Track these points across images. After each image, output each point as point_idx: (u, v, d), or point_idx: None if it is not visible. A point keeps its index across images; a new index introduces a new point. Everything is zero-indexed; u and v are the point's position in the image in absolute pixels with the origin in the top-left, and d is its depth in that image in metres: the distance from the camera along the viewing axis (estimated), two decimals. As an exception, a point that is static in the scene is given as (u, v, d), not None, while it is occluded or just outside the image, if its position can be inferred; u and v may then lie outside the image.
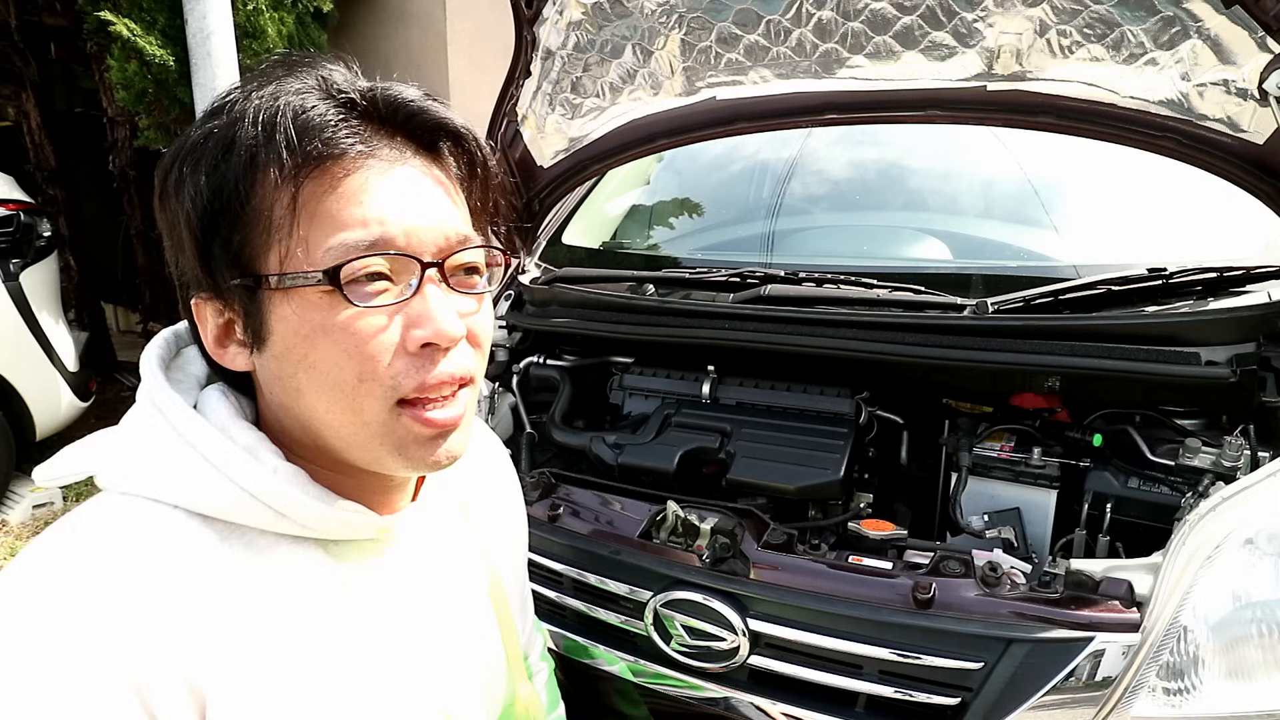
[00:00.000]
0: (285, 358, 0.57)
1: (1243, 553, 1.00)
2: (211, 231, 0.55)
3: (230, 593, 0.55)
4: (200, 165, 0.55)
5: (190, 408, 0.59)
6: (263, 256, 0.55)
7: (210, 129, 0.56)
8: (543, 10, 1.52)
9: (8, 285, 3.24)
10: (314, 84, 0.56)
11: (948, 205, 1.93)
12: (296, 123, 0.54)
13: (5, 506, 3.47)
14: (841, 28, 1.40)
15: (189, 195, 0.55)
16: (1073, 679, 1.00)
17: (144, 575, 0.52)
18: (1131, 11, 1.21)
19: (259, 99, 0.55)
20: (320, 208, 0.54)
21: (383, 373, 0.56)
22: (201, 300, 0.59)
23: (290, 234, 0.54)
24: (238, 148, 0.54)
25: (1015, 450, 1.41)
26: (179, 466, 0.56)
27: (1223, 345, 1.28)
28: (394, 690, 0.63)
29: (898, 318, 1.42)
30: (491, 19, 4.87)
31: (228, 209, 0.54)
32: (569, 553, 1.30)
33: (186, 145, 0.57)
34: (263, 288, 0.55)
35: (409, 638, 0.67)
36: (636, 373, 1.72)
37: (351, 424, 0.57)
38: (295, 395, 0.58)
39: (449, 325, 0.57)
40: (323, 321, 0.55)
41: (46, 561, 0.53)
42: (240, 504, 0.56)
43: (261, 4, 3.74)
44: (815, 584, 1.15)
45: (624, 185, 2.37)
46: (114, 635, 0.50)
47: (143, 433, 0.59)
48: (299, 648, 0.58)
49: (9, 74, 4.40)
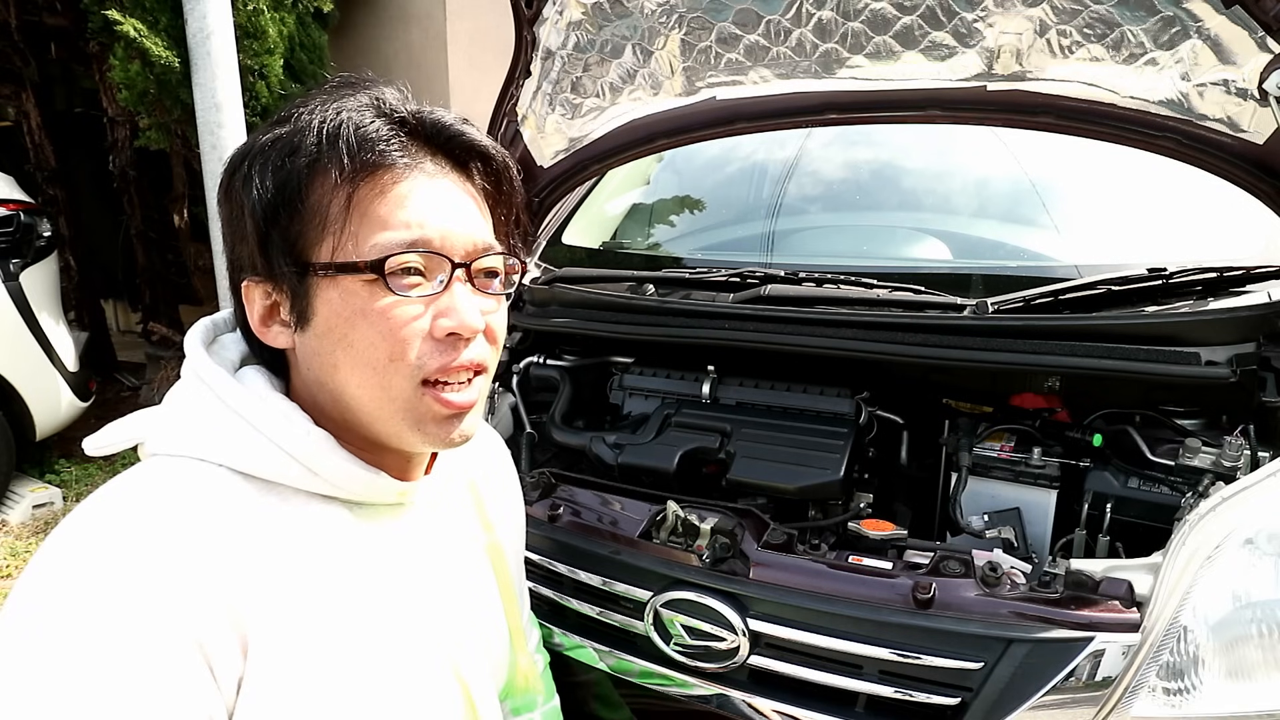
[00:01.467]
0: (327, 336, 0.64)
1: (1243, 553, 1.00)
2: (272, 221, 0.63)
3: (270, 542, 0.61)
4: (267, 165, 0.63)
5: (231, 378, 0.66)
6: (315, 247, 0.63)
7: (277, 134, 0.64)
8: (543, 10, 1.52)
9: (8, 285, 3.25)
10: (369, 103, 0.65)
11: (948, 205, 1.93)
12: (356, 135, 0.62)
13: (5, 506, 3.47)
14: (841, 28, 1.40)
15: (255, 189, 0.63)
16: (1073, 679, 1.00)
17: (196, 528, 0.58)
18: (1131, 11, 1.21)
19: (322, 113, 0.64)
20: (370, 209, 0.63)
21: (410, 355, 0.64)
22: (252, 283, 0.66)
23: (342, 229, 0.62)
24: (302, 151, 0.63)
25: (1015, 450, 1.41)
26: (224, 429, 0.63)
27: (1223, 345, 1.27)
28: (410, 642, 0.70)
29: (898, 318, 1.42)
30: (491, 19, 4.87)
31: (288, 203, 0.63)
32: (569, 553, 1.30)
33: (255, 147, 0.65)
34: (312, 274, 0.63)
35: (423, 595, 0.73)
36: (636, 373, 1.72)
37: (379, 399, 0.65)
38: (332, 370, 0.65)
39: (472, 318, 0.66)
40: (363, 306, 0.63)
41: (105, 520, 0.58)
42: (279, 462, 0.63)
43: (262, 4, 3.74)
44: (815, 584, 1.15)
45: (624, 185, 2.37)
46: (175, 588, 0.55)
47: (188, 402, 0.66)
48: (329, 596, 0.64)
49: (9, 74, 4.40)
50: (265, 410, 0.64)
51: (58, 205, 4.68)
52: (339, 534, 0.67)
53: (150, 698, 0.52)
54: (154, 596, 0.54)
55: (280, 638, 0.59)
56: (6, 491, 3.51)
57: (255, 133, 0.66)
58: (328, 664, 0.62)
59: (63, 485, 3.69)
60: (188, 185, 4.42)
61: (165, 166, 4.65)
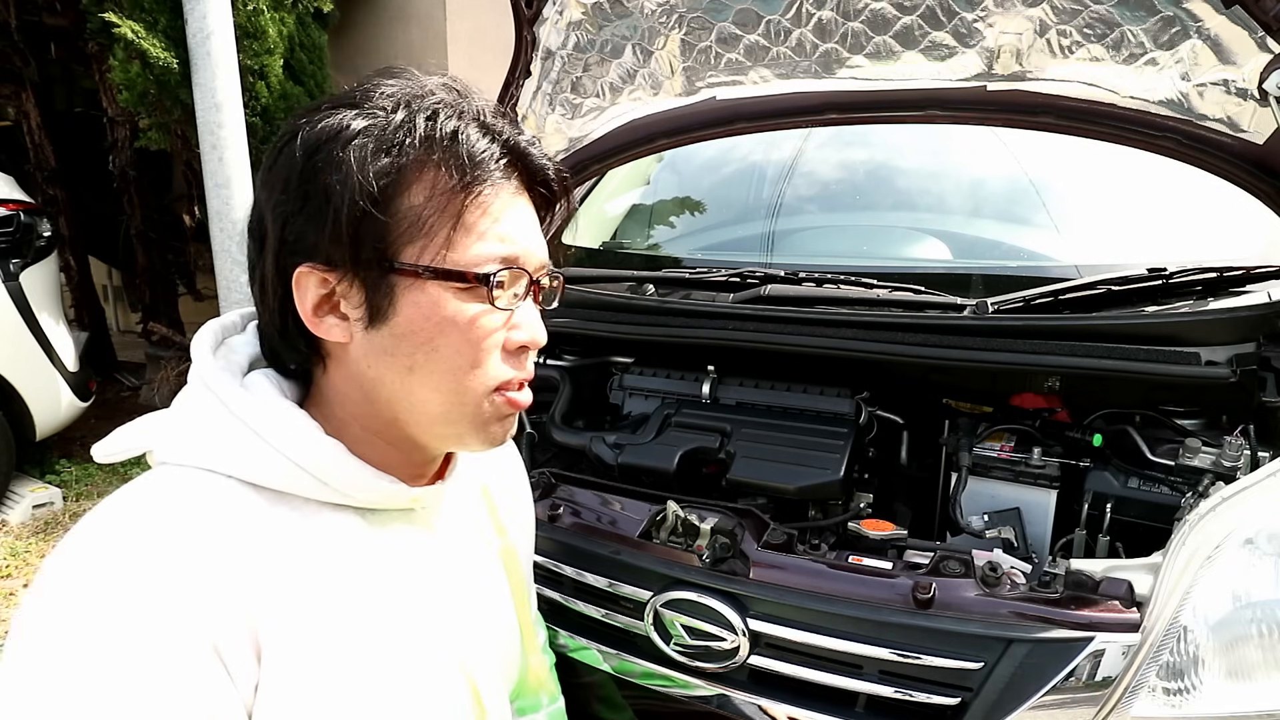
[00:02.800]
0: (408, 338, 0.64)
1: (1243, 553, 1.00)
2: (366, 213, 0.62)
3: (281, 552, 0.61)
4: (364, 153, 0.62)
5: (239, 386, 0.65)
6: (405, 246, 0.63)
7: (366, 125, 0.63)
8: (543, 10, 1.52)
9: (8, 285, 3.25)
10: (471, 114, 0.66)
11: (948, 205, 1.93)
12: (469, 148, 0.64)
13: (5, 506, 3.47)
14: (841, 28, 1.40)
15: (354, 176, 0.61)
16: (1073, 679, 1.00)
17: (208, 537, 0.58)
18: (1131, 11, 1.21)
19: (421, 113, 0.64)
20: (470, 219, 0.64)
21: (489, 363, 0.66)
22: (311, 269, 0.63)
23: (444, 236, 0.63)
24: (405, 150, 0.62)
25: (1015, 450, 1.41)
26: (230, 439, 0.62)
27: (1223, 345, 1.27)
28: (420, 647, 0.70)
29: (898, 318, 1.42)
30: (491, 19, 4.87)
31: (386, 198, 0.62)
32: (569, 553, 1.30)
33: (343, 132, 0.62)
34: (398, 273, 0.63)
35: (435, 599, 0.73)
36: (636, 373, 1.72)
37: (452, 403, 0.66)
38: (404, 372, 0.65)
39: (542, 332, 0.70)
40: (454, 313, 0.64)
41: (117, 528, 0.57)
42: (287, 473, 0.63)
43: (261, 4, 3.74)
44: (815, 584, 1.15)
45: (624, 185, 2.38)
46: (190, 594, 0.55)
47: (195, 410, 0.65)
48: (340, 602, 0.64)
49: (9, 74, 4.40)
50: (274, 420, 0.63)
51: (58, 205, 4.68)
52: (351, 541, 0.67)
53: (170, 701, 0.52)
54: (168, 603, 0.54)
55: (293, 644, 0.60)
56: (6, 491, 3.51)
57: (326, 113, 0.64)
58: (340, 668, 0.62)
59: (63, 485, 3.69)
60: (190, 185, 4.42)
61: (165, 166, 4.65)
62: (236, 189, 3.29)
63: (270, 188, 0.65)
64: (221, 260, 3.35)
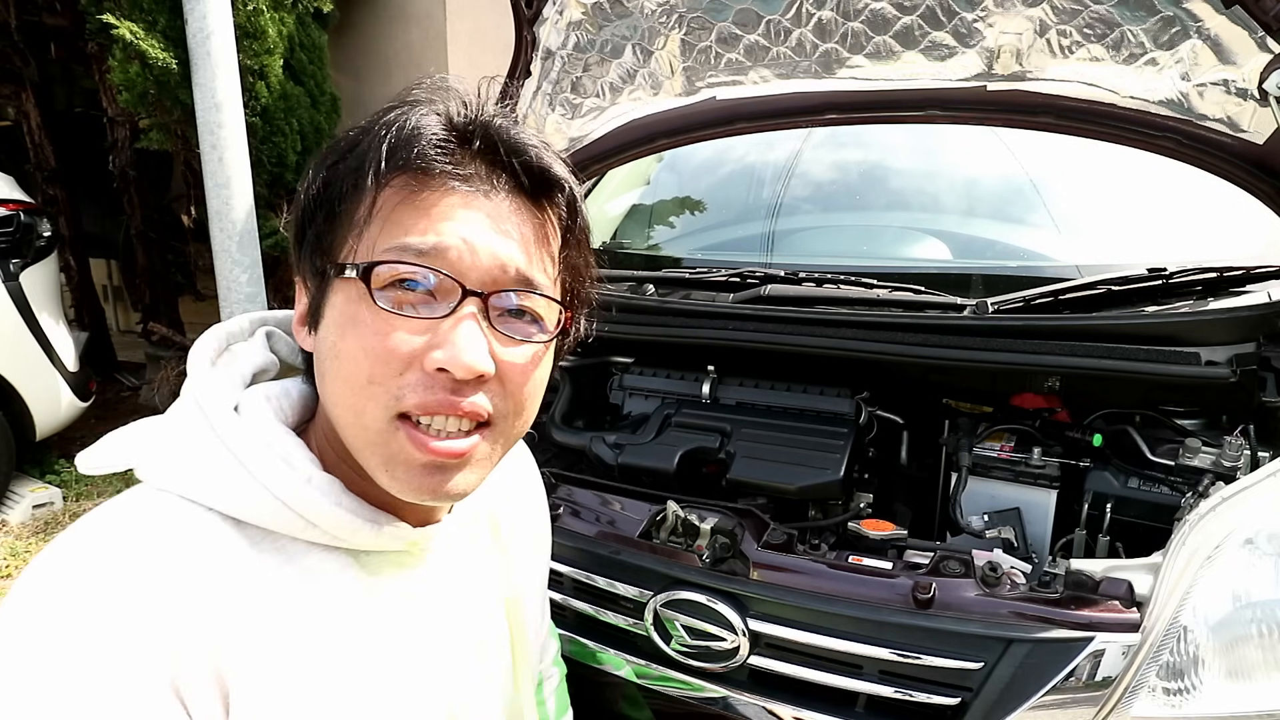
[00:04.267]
0: (323, 342, 0.60)
1: (1243, 553, 1.00)
2: (310, 218, 0.60)
3: (258, 594, 0.57)
4: (323, 163, 0.61)
5: (231, 409, 0.60)
6: (338, 248, 0.59)
7: (348, 133, 0.61)
8: (543, 10, 1.52)
9: (8, 285, 3.24)
10: (440, 109, 0.60)
11: (948, 205, 1.93)
12: (401, 135, 0.57)
13: (5, 506, 3.47)
14: (841, 28, 1.40)
15: (308, 185, 0.61)
16: (1073, 679, 1.00)
17: (177, 573, 0.54)
18: (1131, 11, 1.21)
19: (397, 116, 0.59)
20: (394, 214, 0.57)
21: (391, 380, 0.56)
22: (298, 280, 0.64)
23: (364, 232, 0.57)
24: (357, 152, 0.59)
25: (1015, 450, 1.41)
26: (216, 470, 0.57)
27: (1223, 345, 1.27)
28: (406, 701, 0.64)
29: (898, 318, 1.42)
30: (491, 19, 4.87)
31: (327, 201, 0.59)
32: (569, 553, 1.30)
33: (327, 146, 0.63)
34: (328, 275, 0.59)
35: (427, 652, 0.68)
36: (636, 373, 1.72)
37: (354, 424, 0.58)
38: (320, 380, 0.61)
39: (470, 355, 0.56)
40: (355, 315, 0.57)
41: (87, 555, 0.54)
42: (273, 511, 0.58)
43: (261, 4, 3.74)
44: (815, 584, 1.15)
45: (624, 185, 2.37)
46: (151, 629, 0.52)
47: (183, 430, 0.60)
48: (322, 651, 0.59)
49: (9, 74, 4.40)
50: (261, 454, 0.58)
51: (58, 205, 4.68)
52: (339, 586, 0.61)
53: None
54: (126, 636, 0.51)
55: (265, 692, 0.55)
56: (6, 491, 3.51)
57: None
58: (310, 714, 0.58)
59: (63, 485, 3.69)
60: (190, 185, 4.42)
61: (165, 166, 4.65)
62: (236, 189, 3.29)
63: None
64: (221, 260, 3.34)
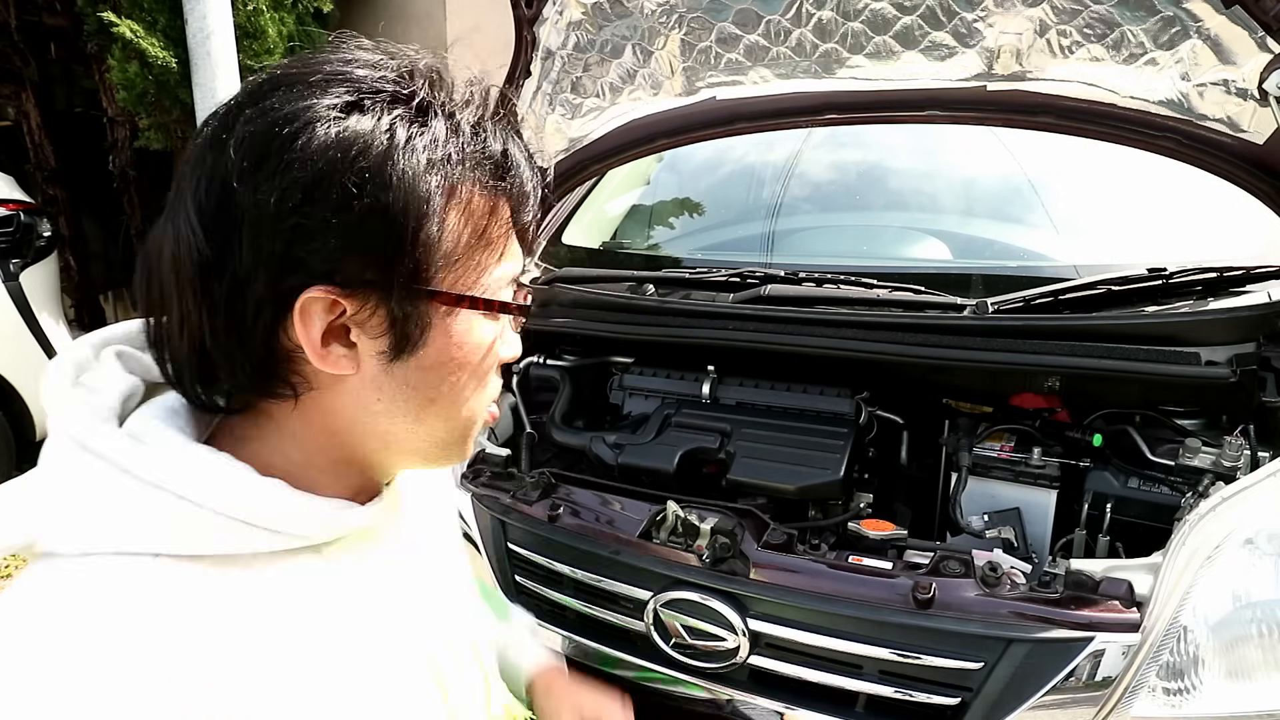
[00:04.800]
0: (437, 369, 0.59)
1: (1243, 553, 1.00)
2: (411, 234, 0.54)
3: (235, 627, 0.53)
4: (417, 168, 0.53)
5: (128, 440, 0.53)
6: (443, 270, 0.56)
7: (410, 137, 0.54)
8: (543, 10, 1.52)
9: (8, 285, 3.24)
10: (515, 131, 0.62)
11: (947, 205, 1.93)
12: (504, 163, 0.59)
13: (5, 507, 3.47)
14: (841, 28, 1.40)
15: (401, 192, 0.53)
16: (1073, 679, 1.00)
17: (156, 644, 0.48)
18: (1131, 11, 1.21)
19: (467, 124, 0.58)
20: (493, 235, 0.60)
21: (491, 385, 0.64)
22: (323, 293, 0.53)
23: (476, 257, 0.58)
24: (451, 167, 0.56)
25: (1015, 450, 1.41)
26: (146, 510, 0.51)
27: (1223, 345, 1.27)
28: (400, 675, 0.65)
29: (898, 318, 1.42)
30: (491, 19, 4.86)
31: (430, 218, 0.54)
32: (569, 553, 1.30)
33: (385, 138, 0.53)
34: (433, 299, 0.56)
35: (396, 617, 0.67)
36: (636, 373, 1.72)
37: (456, 428, 0.63)
38: (422, 405, 0.60)
39: (519, 346, 0.67)
40: (480, 340, 0.61)
41: (34, 655, 0.46)
42: (230, 534, 0.53)
43: (261, 4, 3.74)
44: (815, 584, 1.15)
45: (624, 185, 2.37)
46: (178, 707, 0.47)
47: (79, 481, 0.52)
48: (311, 656, 0.57)
49: (9, 74, 4.40)
50: (196, 476, 0.52)
51: (58, 205, 4.68)
52: (310, 586, 0.59)
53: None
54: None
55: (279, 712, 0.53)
56: (6, 492, 3.51)
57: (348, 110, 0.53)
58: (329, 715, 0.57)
59: None
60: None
61: (165, 166, 4.65)
62: (236, 189, 3.29)
63: (270, 190, 0.51)
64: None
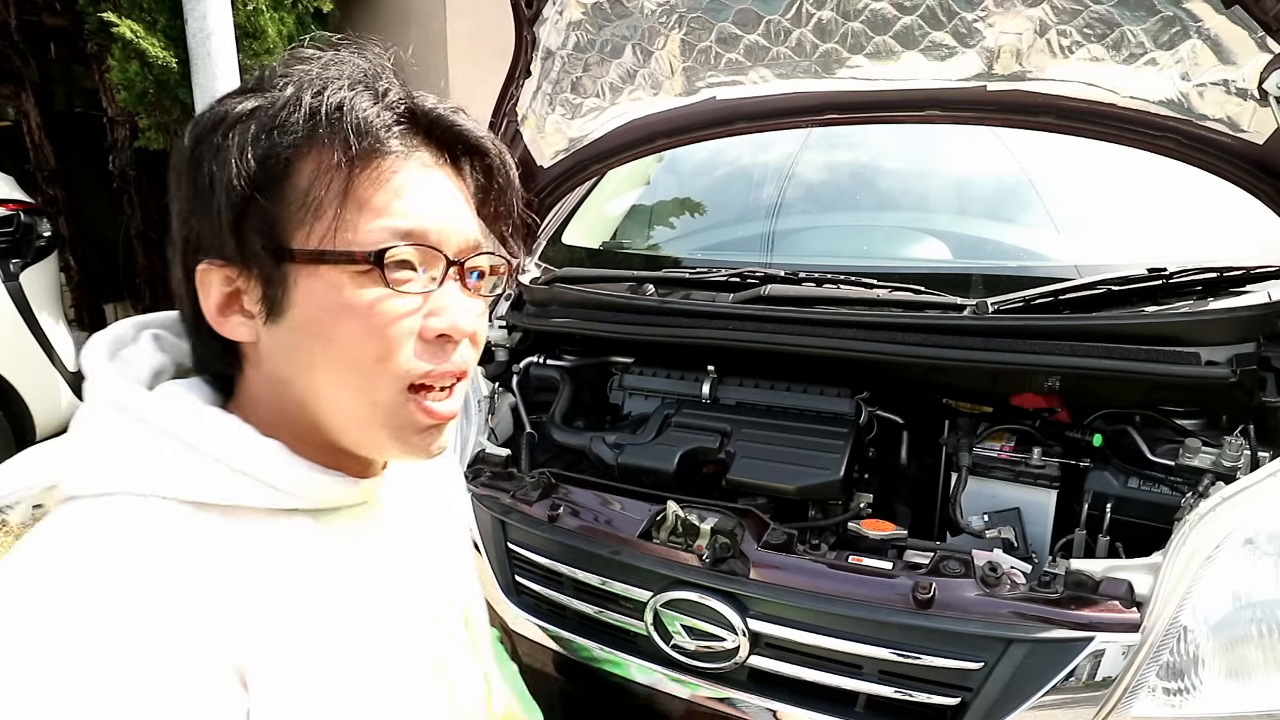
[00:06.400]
0: (304, 330, 0.59)
1: (1243, 553, 1.00)
2: (250, 200, 0.58)
3: (243, 571, 0.57)
4: (247, 138, 0.58)
5: (154, 397, 0.59)
6: (296, 231, 0.58)
7: (256, 105, 0.59)
8: (543, 10, 1.52)
9: (8, 285, 3.24)
10: (364, 84, 0.61)
11: (947, 205, 1.93)
12: (356, 118, 0.58)
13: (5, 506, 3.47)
14: (841, 28, 1.40)
15: (232, 162, 0.57)
16: (1073, 679, 1.00)
17: (168, 572, 0.53)
18: (1131, 11, 1.21)
19: (311, 88, 0.59)
20: (363, 195, 0.59)
21: (399, 355, 0.60)
22: (212, 267, 0.60)
23: (332, 216, 0.58)
24: (289, 128, 0.58)
25: (1015, 450, 1.41)
26: (160, 457, 0.57)
27: (1223, 345, 1.27)
28: (393, 644, 0.67)
29: (898, 318, 1.42)
30: (491, 19, 4.87)
31: (271, 182, 0.58)
32: (569, 553, 1.30)
33: (227, 117, 0.59)
34: (291, 261, 0.58)
35: (400, 593, 0.70)
36: (636, 373, 1.72)
37: (360, 402, 0.60)
38: (306, 369, 0.60)
39: (464, 319, 0.62)
40: (351, 300, 0.58)
41: (57, 579, 0.50)
42: (230, 483, 0.58)
43: (261, 4, 3.74)
44: (815, 584, 1.15)
45: (624, 185, 2.37)
46: (173, 643, 0.50)
47: (107, 432, 0.58)
48: (312, 614, 0.60)
49: (9, 74, 4.40)
50: (205, 429, 0.58)
51: (58, 205, 4.68)
52: (308, 547, 0.62)
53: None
54: (148, 660, 0.49)
55: (276, 660, 0.56)
56: (6, 491, 3.51)
57: (223, 100, 0.60)
58: (325, 682, 0.59)
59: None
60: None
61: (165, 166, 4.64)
62: (236, 189, 3.29)
63: (171, 184, 0.62)
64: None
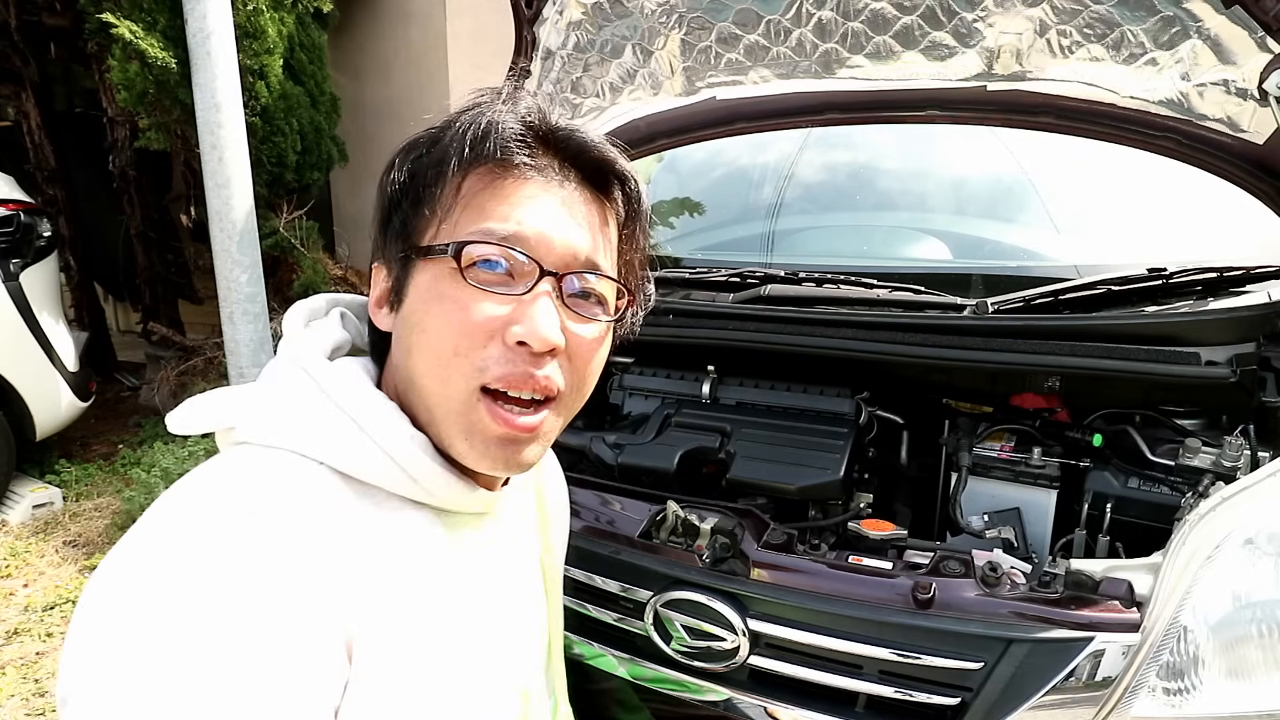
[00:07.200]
0: (409, 319, 0.64)
1: (1243, 553, 1.00)
2: (395, 206, 0.66)
3: (371, 547, 0.60)
4: (408, 156, 0.66)
5: (335, 370, 0.64)
6: (422, 232, 0.64)
7: (429, 130, 0.67)
8: (543, 10, 1.52)
9: (8, 285, 3.25)
10: (520, 109, 0.66)
11: (947, 205, 1.93)
12: (482, 128, 0.63)
13: (5, 506, 3.47)
14: (841, 28, 1.40)
15: (393, 176, 0.66)
16: (1073, 679, 1.00)
17: (310, 527, 0.56)
18: (1131, 11, 1.21)
19: (474, 114, 0.65)
20: (476, 200, 0.63)
21: (475, 352, 0.62)
22: (377, 265, 0.68)
23: (448, 216, 0.63)
24: (439, 145, 0.64)
25: (1015, 450, 1.41)
26: (326, 425, 0.61)
27: (1223, 345, 1.28)
28: (486, 654, 0.70)
29: (898, 318, 1.42)
30: (491, 19, 4.87)
31: (411, 190, 0.65)
32: (569, 553, 1.29)
33: (409, 142, 0.67)
34: (412, 256, 0.64)
35: (498, 608, 0.73)
36: (636, 372, 1.72)
37: (438, 393, 0.63)
38: (406, 355, 0.64)
39: (546, 330, 0.62)
40: (442, 292, 0.62)
41: (215, 515, 0.54)
42: (380, 465, 0.62)
43: (261, 4, 3.74)
44: (815, 584, 1.15)
45: (624, 185, 2.37)
46: (293, 590, 0.53)
47: (287, 390, 0.64)
48: (422, 605, 0.63)
49: (9, 74, 4.40)
50: (370, 409, 0.62)
51: (58, 205, 4.68)
52: (432, 543, 0.65)
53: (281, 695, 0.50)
54: (274, 600, 0.52)
55: (382, 643, 0.58)
56: (6, 491, 3.51)
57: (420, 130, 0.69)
58: (421, 672, 0.61)
59: (63, 485, 3.69)
60: (189, 185, 4.42)
61: (165, 166, 4.65)
62: (236, 189, 3.29)
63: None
64: (221, 260, 3.34)
